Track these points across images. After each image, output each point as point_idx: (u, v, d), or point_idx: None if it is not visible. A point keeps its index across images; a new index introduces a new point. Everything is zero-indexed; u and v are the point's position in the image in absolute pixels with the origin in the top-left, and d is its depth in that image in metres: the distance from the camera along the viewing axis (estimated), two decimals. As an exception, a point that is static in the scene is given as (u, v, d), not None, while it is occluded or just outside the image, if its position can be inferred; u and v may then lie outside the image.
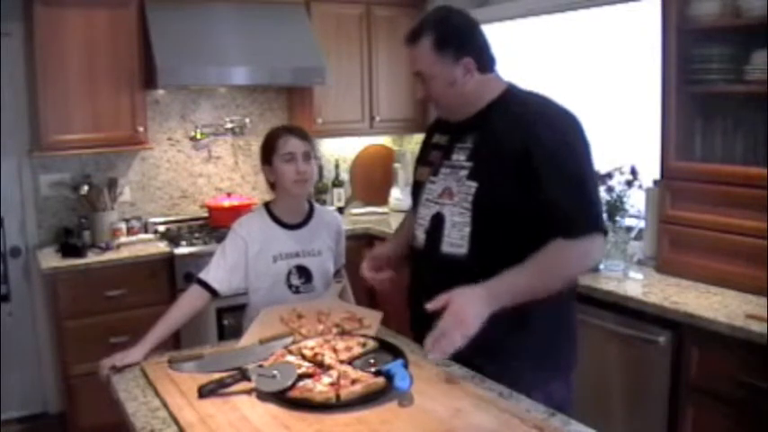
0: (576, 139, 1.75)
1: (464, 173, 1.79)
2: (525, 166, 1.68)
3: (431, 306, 1.62)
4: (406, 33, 1.84)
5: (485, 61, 1.83)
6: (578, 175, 1.71)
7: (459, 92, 1.81)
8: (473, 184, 1.76)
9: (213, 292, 2.13)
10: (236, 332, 2.24)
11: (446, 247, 1.80)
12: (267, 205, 2.28)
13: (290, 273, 2.22)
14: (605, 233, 1.76)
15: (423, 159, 2.01)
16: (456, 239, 1.78)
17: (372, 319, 2.02)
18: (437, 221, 1.83)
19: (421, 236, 1.89)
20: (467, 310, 1.59)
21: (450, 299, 1.61)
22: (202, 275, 2.15)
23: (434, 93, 1.84)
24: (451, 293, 1.62)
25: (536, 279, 1.68)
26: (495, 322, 1.76)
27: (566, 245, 1.67)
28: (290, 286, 2.22)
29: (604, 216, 2.77)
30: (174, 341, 2.76)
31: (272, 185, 2.26)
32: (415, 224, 1.94)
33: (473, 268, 1.73)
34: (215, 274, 2.15)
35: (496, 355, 1.74)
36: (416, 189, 1.98)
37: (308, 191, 2.24)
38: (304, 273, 2.23)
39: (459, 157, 1.83)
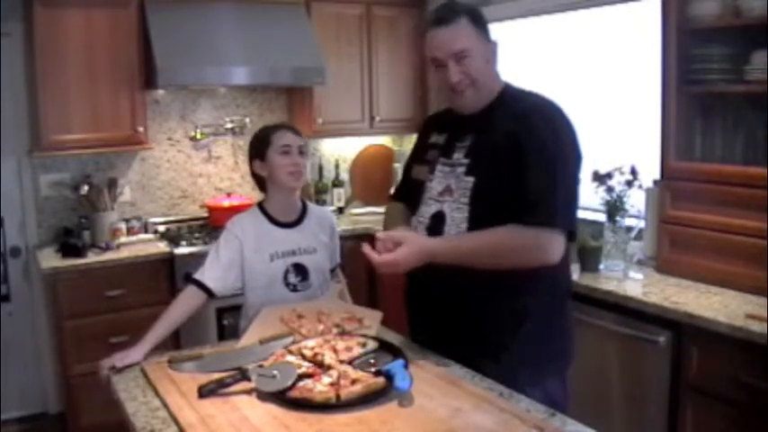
0: (566, 138, 1.77)
1: (462, 169, 1.82)
2: (515, 152, 1.71)
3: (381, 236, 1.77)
4: (436, 17, 1.82)
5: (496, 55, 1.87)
6: (559, 170, 1.72)
7: (491, 71, 1.84)
8: (470, 180, 1.79)
9: (209, 292, 2.13)
10: (236, 332, 2.24)
11: None
12: (260, 205, 2.28)
13: (287, 271, 2.21)
14: (571, 236, 1.76)
15: (419, 158, 2.00)
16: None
17: (372, 319, 2.02)
18: (438, 219, 1.84)
19: (422, 233, 1.88)
20: (408, 261, 1.72)
21: (404, 243, 1.72)
22: (197, 276, 2.15)
23: (475, 70, 1.80)
24: (408, 240, 1.74)
25: (482, 255, 1.72)
26: (491, 320, 1.77)
27: (521, 230, 1.69)
28: (287, 284, 2.22)
29: (604, 217, 2.81)
30: (174, 341, 2.76)
31: (261, 183, 2.27)
32: (415, 222, 1.93)
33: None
34: (210, 273, 2.15)
35: (492, 354, 1.76)
36: (415, 188, 1.97)
37: (302, 185, 2.25)
38: (301, 271, 2.23)
39: (459, 155, 1.85)
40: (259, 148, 2.22)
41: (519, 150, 1.71)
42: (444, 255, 1.73)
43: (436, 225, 1.84)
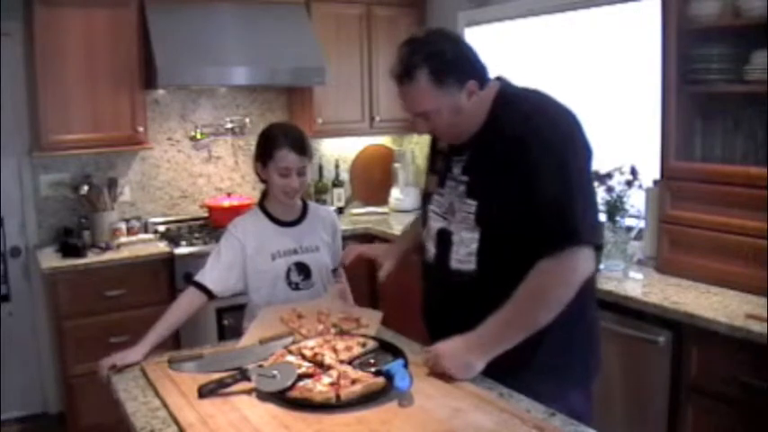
0: (574, 137, 1.67)
1: (462, 189, 1.74)
2: (520, 162, 1.60)
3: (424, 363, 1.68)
4: (395, 72, 1.68)
5: (484, 76, 1.71)
6: (573, 176, 1.61)
7: (467, 116, 1.69)
8: (473, 203, 1.70)
9: (209, 293, 2.13)
10: (236, 332, 2.24)
11: (454, 264, 1.75)
12: (261, 205, 2.28)
13: (289, 270, 2.22)
14: (597, 246, 1.66)
15: (431, 167, 1.94)
16: (463, 256, 1.73)
17: (372, 319, 2.03)
18: (444, 237, 1.78)
19: (431, 249, 1.84)
20: (448, 362, 1.63)
21: (436, 352, 1.66)
22: (198, 277, 2.15)
23: (442, 126, 1.72)
24: (436, 347, 1.67)
25: (522, 314, 1.62)
26: None
27: (544, 268, 1.59)
28: (289, 283, 2.22)
29: (604, 218, 2.80)
30: (174, 341, 2.76)
31: (263, 179, 2.27)
32: (425, 234, 1.89)
33: (483, 283, 1.69)
34: (210, 274, 2.15)
35: (510, 369, 1.65)
36: (426, 198, 1.92)
37: (296, 201, 2.25)
38: (303, 269, 2.24)
39: (457, 170, 1.77)
40: (262, 154, 2.19)
41: (525, 158, 1.59)
42: (491, 339, 1.63)
43: (443, 244, 1.78)
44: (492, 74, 1.76)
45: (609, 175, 2.77)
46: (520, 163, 1.61)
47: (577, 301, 1.67)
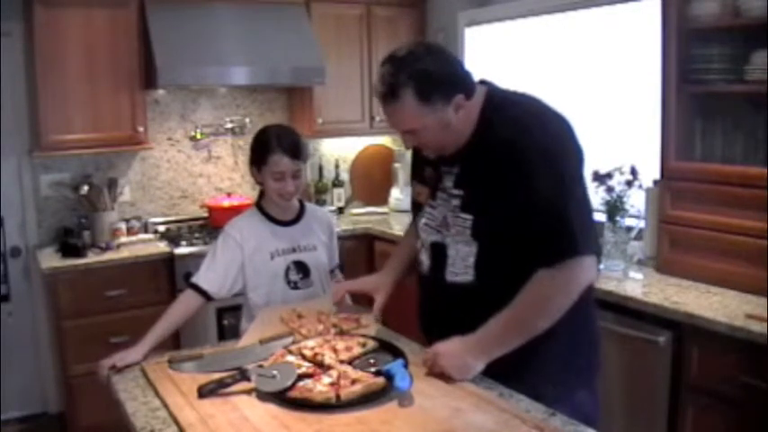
0: (568, 143, 1.65)
1: (456, 203, 1.70)
2: (515, 167, 1.57)
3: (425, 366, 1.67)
4: (379, 91, 1.65)
5: (471, 87, 1.67)
6: (567, 184, 1.59)
7: (455, 129, 1.66)
8: (468, 217, 1.67)
9: (207, 296, 2.12)
10: (236, 332, 2.24)
11: (450, 277, 1.73)
12: (259, 205, 2.28)
13: (288, 268, 2.22)
14: (597, 253, 1.65)
15: (418, 175, 1.88)
16: (460, 269, 1.71)
17: (372, 319, 2.02)
18: (438, 250, 1.76)
19: (426, 261, 1.83)
20: (446, 362, 1.63)
21: (435, 351, 1.66)
22: (194, 279, 2.14)
23: (430, 141, 1.69)
24: (435, 347, 1.67)
25: (522, 321, 1.61)
26: None
27: (545, 277, 1.58)
28: (288, 282, 2.22)
29: (603, 218, 2.80)
30: (174, 341, 2.76)
31: (258, 182, 2.27)
32: (419, 246, 1.87)
33: (481, 293, 1.68)
34: (206, 276, 2.14)
35: (516, 373, 1.64)
36: (415, 209, 1.88)
37: (294, 200, 2.25)
38: (302, 268, 2.24)
39: (447, 183, 1.74)
40: (256, 158, 2.19)
41: (518, 166, 1.57)
42: (491, 343, 1.62)
43: (438, 257, 1.76)
44: (478, 77, 1.73)
45: (609, 175, 2.77)
46: (513, 171, 1.58)
47: (581, 306, 1.66)
